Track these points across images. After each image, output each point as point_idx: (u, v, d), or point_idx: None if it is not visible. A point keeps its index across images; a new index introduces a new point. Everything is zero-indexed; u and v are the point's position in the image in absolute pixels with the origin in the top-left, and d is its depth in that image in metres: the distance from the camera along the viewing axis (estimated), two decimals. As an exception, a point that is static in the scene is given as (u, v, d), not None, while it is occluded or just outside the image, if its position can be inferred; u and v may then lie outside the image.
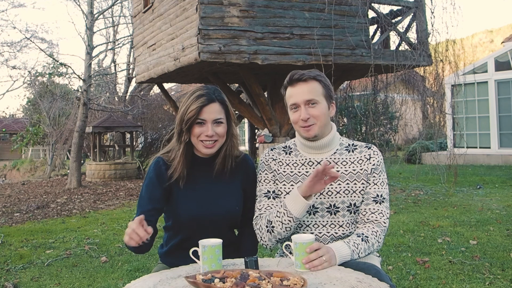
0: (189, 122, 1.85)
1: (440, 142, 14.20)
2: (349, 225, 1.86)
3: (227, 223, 1.96)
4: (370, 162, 1.88)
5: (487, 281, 3.47)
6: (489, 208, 6.49)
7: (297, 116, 1.85)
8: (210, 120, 1.86)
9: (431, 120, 9.86)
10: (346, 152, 1.91)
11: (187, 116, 1.85)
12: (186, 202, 1.91)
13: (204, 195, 1.93)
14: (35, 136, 19.26)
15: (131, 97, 17.87)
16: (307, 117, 1.82)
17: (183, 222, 1.92)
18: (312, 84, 1.85)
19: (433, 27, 8.42)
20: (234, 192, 1.97)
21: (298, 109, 1.85)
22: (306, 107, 1.83)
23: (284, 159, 1.95)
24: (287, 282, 1.38)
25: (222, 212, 1.92)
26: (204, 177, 1.95)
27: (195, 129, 1.86)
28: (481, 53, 34.73)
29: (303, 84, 1.84)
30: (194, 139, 1.89)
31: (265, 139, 8.02)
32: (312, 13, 7.57)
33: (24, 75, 18.06)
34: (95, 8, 14.03)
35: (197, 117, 1.85)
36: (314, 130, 1.84)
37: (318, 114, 1.84)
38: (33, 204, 8.88)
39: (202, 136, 1.86)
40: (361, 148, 1.92)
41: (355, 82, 11.59)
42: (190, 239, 1.88)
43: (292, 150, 1.97)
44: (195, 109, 1.84)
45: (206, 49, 6.87)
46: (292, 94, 1.86)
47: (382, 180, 1.88)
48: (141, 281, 1.55)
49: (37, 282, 4.00)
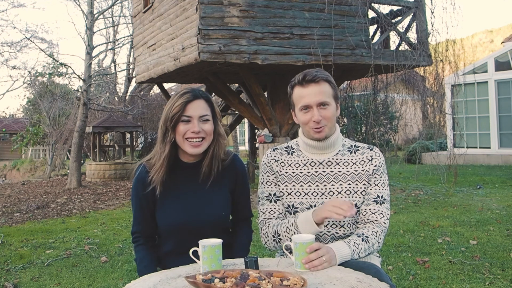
0: (174, 119, 1.79)
1: (440, 142, 14.20)
2: (350, 225, 1.87)
3: (215, 229, 1.91)
4: (372, 164, 1.89)
5: (487, 281, 3.47)
6: (489, 208, 6.49)
7: (309, 117, 1.85)
8: (196, 117, 1.80)
9: (431, 120, 9.86)
10: (348, 153, 1.92)
11: (172, 113, 1.78)
12: (170, 210, 1.88)
13: (188, 202, 1.88)
14: (35, 136, 19.27)
15: (131, 97, 17.87)
16: (320, 119, 1.83)
17: (168, 230, 1.90)
18: (324, 85, 1.84)
19: (433, 27, 8.44)
20: (220, 198, 1.92)
21: (310, 110, 1.85)
22: (318, 109, 1.83)
23: (286, 159, 1.95)
24: (287, 282, 1.38)
25: (208, 219, 1.88)
26: (189, 183, 1.90)
27: (180, 127, 1.79)
28: (481, 53, 34.73)
29: (315, 85, 1.83)
30: (179, 139, 1.81)
31: (265, 139, 8.02)
32: (312, 13, 7.57)
33: (24, 75, 18.08)
34: (95, 8, 14.04)
35: (182, 114, 1.78)
36: (325, 131, 1.85)
37: (329, 116, 1.85)
38: (33, 204, 8.88)
39: (188, 133, 1.79)
40: (363, 150, 1.93)
41: (355, 82, 11.59)
42: (181, 243, 1.87)
43: (294, 150, 1.97)
44: (180, 105, 1.78)
45: (206, 49, 6.87)
46: (304, 95, 1.84)
47: (383, 181, 1.89)
48: (141, 281, 1.55)
49: (37, 282, 4.00)
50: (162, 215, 1.89)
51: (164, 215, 1.89)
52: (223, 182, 1.93)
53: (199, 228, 1.86)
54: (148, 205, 1.90)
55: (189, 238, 1.79)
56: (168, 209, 1.88)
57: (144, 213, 1.91)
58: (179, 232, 1.88)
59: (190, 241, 1.73)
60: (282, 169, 1.94)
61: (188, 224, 1.87)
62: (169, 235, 1.92)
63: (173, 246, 1.92)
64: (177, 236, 1.90)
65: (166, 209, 1.89)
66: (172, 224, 1.88)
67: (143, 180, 1.88)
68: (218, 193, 1.92)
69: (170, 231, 1.90)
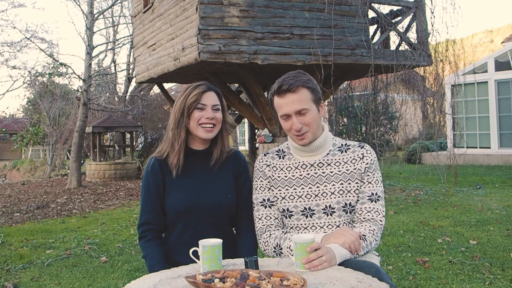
0: (192, 107, 1.95)
1: (440, 142, 14.20)
2: (345, 224, 1.87)
3: (222, 213, 2.00)
4: (363, 161, 1.89)
5: (487, 281, 3.47)
6: (489, 208, 6.49)
7: (289, 125, 1.86)
8: (210, 105, 1.98)
9: (431, 120, 9.85)
10: (339, 152, 1.92)
11: (189, 102, 1.96)
12: (180, 193, 1.97)
13: (197, 185, 1.99)
14: (35, 136, 19.27)
15: (131, 97, 17.86)
16: (299, 127, 1.83)
17: (178, 212, 1.96)
18: (301, 92, 1.83)
19: (433, 27, 8.43)
20: (226, 182, 2.03)
21: (289, 119, 1.85)
22: (297, 116, 1.83)
23: (278, 163, 1.96)
24: (287, 282, 1.38)
25: (215, 199, 1.98)
26: (196, 168, 2.02)
27: (195, 114, 1.96)
28: (481, 53, 34.75)
29: (291, 94, 1.82)
30: (194, 125, 1.97)
31: (265, 139, 8.02)
32: (312, 13, 7.57)
33: (24, 75, 18.05)
34: (95, 8, 14.04)
35: (198, 102, 1.96)
36: (308, 137, 1.86)
37: (310, 121, 1.84)
38: (33, 204, 8.88)
39: (203, 119, 1.96)
40: (354, 148, 1.93)
41: (355, 82, 11.59)
42: (188, 230, 1.95)
43: (285, 153, 1.98)
44: (197, 95, 1.96)
45: (206, 49, 6.87)
46: (282, 105, 1.85)
47: (377, 179, 1.89)
48: (141, 281, 1.55)
49: (37, 282, 4.00)
50: (172, 197, 1.98)
51: (174, 197, 1.98)
52: (227, 170, 2.06)
53: (205, 210, 1.96)
54: (158, 194, 1.99)
55: (196, 223, 1.95)
56: (178, 192, 1.98)
57: (155, 202, 1.99)
58: (187, 216, 1.96)
59: (196, 227, 1.92)
60: (274, 173, 1.95)
61: (196, 205, 1.96)
62: (177, 219, 1.98)
63: (180, 233, 1.98)
64: (184, 220, 1.97)
65: (176, 192, 1.98)
66: (182, 205, 1.96)
67: (154, 169, 2.00)
68: (223, 178, 2.04)
69: (179, 214, 1.97)
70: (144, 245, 1.98)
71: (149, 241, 1.98)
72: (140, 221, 2.01)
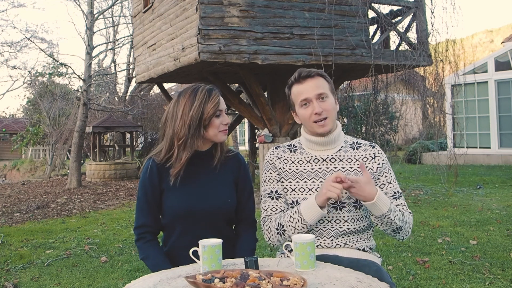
0: (214, 115, 1.92)
1: (440, 142, 14.20)
2: (354, 220, 1.87)
3: (221, 216, 1.98)
4: (375, 161, 1.91)
5: (487, 281, 3.47)
6: (489, 208, 6.49)
7: (310, 111, 1.87)
8: (224, 110, 1.99)
9: (431, 120, 9.86)
10: (351, 149, 1.94)
11: (212, 110, 1.91)
12: (180, 195, 1.94)
13: (196, 188, 1.96)
14: (35, 136, 19.27)
15: (131, 97, 17.87)
16: (321, 110, 1.85)
17: (177, 216, 1.94)
18: (320, 79, 1.89)
19: (433, 27, 8.44)
20: (226, 186, 2.00)
21: (310, 104, 1.87)
22: (318, 101, 1.86)
23: (289, 156, 1.97)
24: (287, 282, 1.38)
25: (215, 203, 1.95)
26: (197, 171, 1.99)
27: (215, 121, 1.93)
28: (481, 53, 34.76)
29: (311, 80, 1.87)
30: (213, 132, 1.94)
31: (265, 139, 8.02)
32: (312, 13, 7.57)
33: (24, 75, 18.08)
34: (95, 8, 14.04)
35: (218, 108, 1.93)
36: (328, 124, 1.87)
37: (329, 108, 1.87)
38: (33, 204, 8.88)
39: (222, 126, 1.95)
40: (365, 147, 1.95)
41: (355, 82, 11.59)
42: (187, 233, 1.93)
43: (297, 148, 1.99)
44: (217, 102, 1.93)
45: (206, 49, 6.87)
46: (302, 91, 1.88)
47: (393, 177, 1.94)
48: (141, 281, 1.55)
49: (37, 282, 4.00)
50: (171, 200, 1.94)
51: (173, 200, 1.94)
52: (227, 172, 2.02)
53: (204, 213, 1.93)
54: (155, 197, 1.96)
55: (195, 227, 1.91)
56: (177, 195, 1.94)
57: (151, 205, 1.96)
58: (186, 219, 1.93)
59: (195, 230, 1.87)
60: (285, 165, 1.95)
61: (195, 209, 1.92)
62: (176, 222, 1.95)
63: (178, 236, 1.96)
64: (183, 223, 1.94)
65: (175, 195, 1.94)
66: (181, 208, 1.93)
67: (152, 171, 1.96)
68: (223, 181, 2.00)
69: (178, 217, 1.94)
70: (144, 245, 1.97)
71: (149, 241, 1.97)
72: (137, 223, 1.99)
